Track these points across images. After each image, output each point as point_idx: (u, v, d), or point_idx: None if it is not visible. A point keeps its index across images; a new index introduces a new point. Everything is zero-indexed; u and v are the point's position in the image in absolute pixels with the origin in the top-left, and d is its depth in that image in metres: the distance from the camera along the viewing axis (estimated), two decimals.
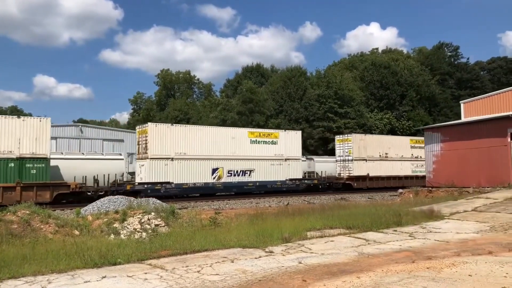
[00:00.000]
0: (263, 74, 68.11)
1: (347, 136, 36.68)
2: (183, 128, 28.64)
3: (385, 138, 39.38)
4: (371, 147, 36.40)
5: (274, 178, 31.11)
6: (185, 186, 27.15)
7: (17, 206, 11.86)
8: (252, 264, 7.91)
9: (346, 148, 35.66)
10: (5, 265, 7.71)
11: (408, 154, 38.60)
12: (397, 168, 37.72)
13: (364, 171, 35.88)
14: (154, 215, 12.86)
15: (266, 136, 31.35)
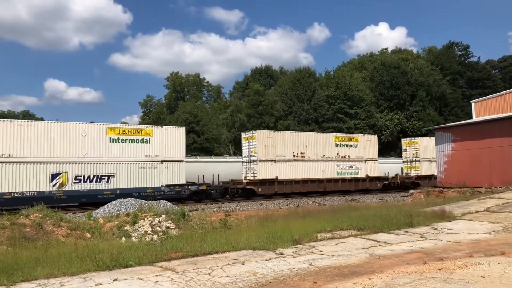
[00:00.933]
0: (272, 76, 68.13)
1: (252, 133, 31.71)
2: (9, 124, 22.84)
3: (302, 136, 34.03)
4: (282, 145, 31.61)
5: (145, 185, 25.68)
6: (6, 196, 21.83)
7: (30, 210, 11.98)
8: (263, 266, 7.91)
9: (251, 147, 31.09)
10: (18, 268, 7.79)
11: (332, 154, 33.95)
12: (317, 170, 32.94)
13: (272, 174, 31.11)
14: (165, 217, 12.91)
15: (135, 134, 25.87)
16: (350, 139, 34.94)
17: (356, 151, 34.84)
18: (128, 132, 25.30)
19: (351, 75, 60.72)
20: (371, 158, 35.90)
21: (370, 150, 35.92)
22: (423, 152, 38.62)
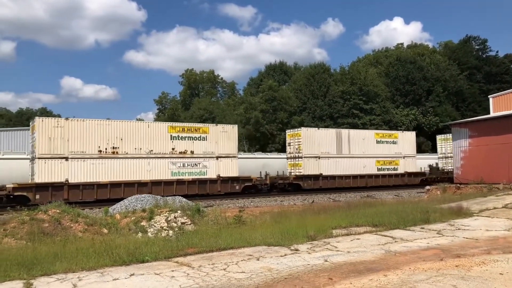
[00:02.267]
0: (286, 72, 67.93)
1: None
2: None
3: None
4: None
5: None
6: None
7: (48, 206, 12.18)
8: (278, 262, 7.92)
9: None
10: (37, 263, 7.94)
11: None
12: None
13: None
14: (180, 213, 13.01)
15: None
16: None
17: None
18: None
19: (366, 70, 60.22)
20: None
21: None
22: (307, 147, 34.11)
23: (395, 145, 35.61)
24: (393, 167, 35.48)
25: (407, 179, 36.15)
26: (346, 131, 34.59)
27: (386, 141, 35.19)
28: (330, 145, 32.11)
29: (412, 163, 36.91)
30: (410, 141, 37.12)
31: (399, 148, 36.01)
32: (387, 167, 35.20)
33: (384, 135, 35.71)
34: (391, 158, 35.40)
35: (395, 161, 35.51)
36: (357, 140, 33.61)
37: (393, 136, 35.90)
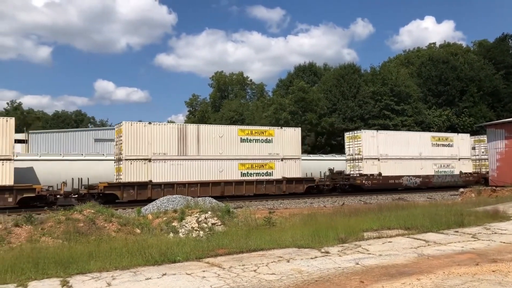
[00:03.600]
0: (315, 73, 67.55)
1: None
2: None
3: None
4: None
5: None
6: None
7: (83, 206, 12.51)
8: (308, 264, 7.89)
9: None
10: (73, 261, 8.16)
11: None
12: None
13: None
14: (211, 214, 13.12)
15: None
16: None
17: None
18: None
19: (398, 70, 59.22)
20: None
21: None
22: None
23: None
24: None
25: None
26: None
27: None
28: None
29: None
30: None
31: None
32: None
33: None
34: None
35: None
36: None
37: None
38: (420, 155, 34.20)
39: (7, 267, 7.66)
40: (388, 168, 32.88)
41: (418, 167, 34.17)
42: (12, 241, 9.90)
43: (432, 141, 35.47)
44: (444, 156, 35.78)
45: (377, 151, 32.70)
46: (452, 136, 37.25)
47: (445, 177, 35.39)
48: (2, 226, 10.33)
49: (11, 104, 68.40)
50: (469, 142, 37.96)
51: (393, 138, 33.98)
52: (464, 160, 36.94)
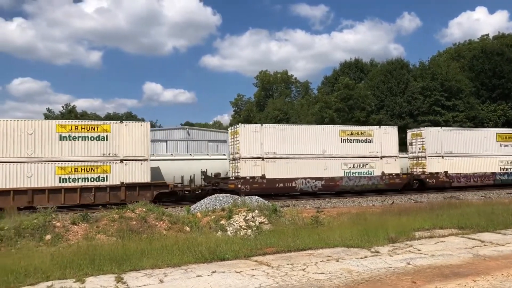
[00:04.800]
0: (362, 69, 66.31)
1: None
2: None
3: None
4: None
5: None
6: None
7: (135, 205, 12.92)
8: (358, 264, 7.80)
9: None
10: (127, 258, 8.46)
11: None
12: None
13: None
14: (258, 212, 13.20)
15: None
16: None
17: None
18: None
19: (448, 65, 57.10)
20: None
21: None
22: None
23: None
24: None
25: None
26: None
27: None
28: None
29: None
30: None
31: None
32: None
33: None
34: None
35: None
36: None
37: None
38: (323, 153, 28.17)
39: (66, 263, 8.06)
40: (275, 169, 27.03)
41: (320, 167, 28.19)
42: (70, 238, 10.38)
43: (341, 136, 29.07)
44: (359, 154, 29.13)
45: (260, 149, 27.04)
46: (372, 130, 30.34)
47: (359, 179, 28.84)
48: (61, 224, 10.84)
49: (66, 107, 71.48)
50: (396, 136, 30.66)
51: (284, 133, 28.00)
52: (388, 158, 30.03)
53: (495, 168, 33.15)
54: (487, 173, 32.66)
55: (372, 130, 29.83)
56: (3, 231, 10.01)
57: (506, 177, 33.38)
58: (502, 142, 33.62)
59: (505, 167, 33.51)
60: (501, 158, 33.50)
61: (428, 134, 31.87)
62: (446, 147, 31.95)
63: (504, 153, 33.62)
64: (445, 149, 31.92)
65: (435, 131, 32.75)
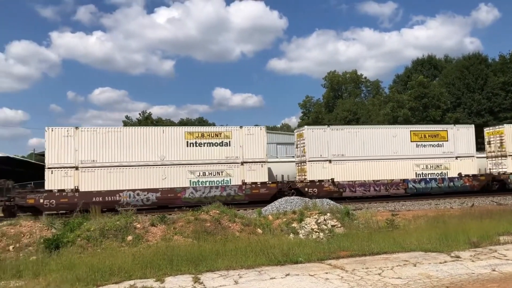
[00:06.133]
0: (435, 66, 63.50)
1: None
2: None
3: None
4: None
5: None
6: None
7: (209, 206, 13.28)
8: (437, 269, 7.48)
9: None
10: (203, 259, 8.73)
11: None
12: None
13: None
14: (330, 215, 13.05)
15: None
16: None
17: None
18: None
19: None
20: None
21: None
22: None
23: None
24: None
25: None
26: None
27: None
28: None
29: None
30: None
31: None
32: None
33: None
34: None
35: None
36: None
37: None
38: (162, 160, 23.33)
39: (146, 263, 8.47)
40: (93, 180, 22.33)
41: (157, 176, 23.11)
42: (149, 239, 10.88)
43: (188, 139, 23.99)
44: (211, 159, 24.11)
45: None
46: (229, 131, 24.83)
47: (210, 190, 23.61)
48: (141, 225, 11.40)
49: (142, 114, 75.01)
50: (263, 137, 25.27)
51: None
52: (253, 164, 24.52)
53: (409, 173, 27.18)
54: (396, 180, 26.64)
55: (230, 131, 24.74)
56: (89, 232, 10.71)
57: (423, 185, 27.04)
58: (419, 142, 27.66)
59: (422, 172, 27.37)
60: (417, 161, 27.56)
61: (309, 135, 26.16)
62: (335, 150, 26.22)
63: (420, 155, 27.59)
64: (334, 152, 26.20)
65: (320, 130, 26.69)
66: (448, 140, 27.92)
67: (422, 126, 30.26)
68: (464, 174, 27.56)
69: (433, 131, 28.09)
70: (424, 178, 27.12)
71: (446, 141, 27.87)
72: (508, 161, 29.29)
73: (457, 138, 28.11)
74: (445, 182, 27.25)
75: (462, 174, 27.58)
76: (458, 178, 27.45)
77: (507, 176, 28.92)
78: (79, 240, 10.41)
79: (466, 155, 28.10)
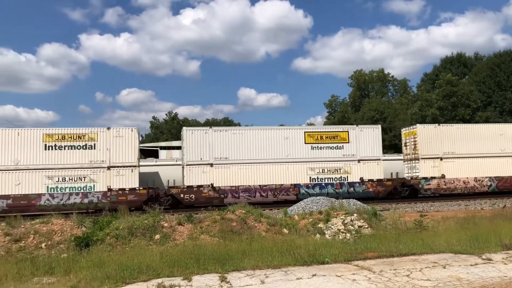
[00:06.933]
0: (465, 64, 62.08)
1: None
2: None
3: None
4: None
5: None
6: None
7: (235, 206, 13.35)
8: (468, 272, 7.32)
9: None
10: (229, 259, 8.77)
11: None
12: None
13: None
14: (357, 216, 12.93)
15: None
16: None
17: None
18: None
19: None
20: None
21: None
22: None
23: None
24: None
25: None
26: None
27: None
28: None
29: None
30: None
31: None
32: None
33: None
34: None
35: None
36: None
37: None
38: (16, 165, 21.54)
39: (174, 262, 8.57)
40: None
41: (10, 182, 21.39)
42: (176, 238, 11.01)
43: (47, 142, 21.96)
44: (72, 164, 22.02)
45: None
46: (95, 132, 22.60)
47: (69, 196, 21.75)
48: (168, 224, 11.55)
49: (169, 114, 76.02)
50: (135, 139, 22.91)
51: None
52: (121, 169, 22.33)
53: (302, 178, 25.03)
54: (286, 185, 24.69)
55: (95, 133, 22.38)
56: (118, 230, 10.91)
57: (317, 190, 24.73)
58: (314, 144, 25.33)
59: (318, 176, 25.20)
60: (311, 164, 25.28)
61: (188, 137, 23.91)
62: (218, 153, 24.06)
63: (316, 159, 25.28)
64: (216, 155, 24.01)
65: (201, 131, 24.40)
66: (349, 142, 25.46)
67: (320, 127, 27.51)
68: (367, 179, 25.27)
69: (331, 132, 25.67)
70: (320, 183, 24.85)
71: (346, 143, 25.43)
72: (420, 164, 26.56)
73: (360, 140, 25.50)
74: (344, 187, 24.95)
75: (364, 179, 25.24)
76: (359, 183, 25.11)
77: (418, 181, 26.41)
78: (108, 238, 10.62)
79: (370, 158, 25.49)
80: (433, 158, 26.52)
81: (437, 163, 26.52)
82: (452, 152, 26.73)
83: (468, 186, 26.48)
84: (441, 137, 26.74)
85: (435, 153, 26.56)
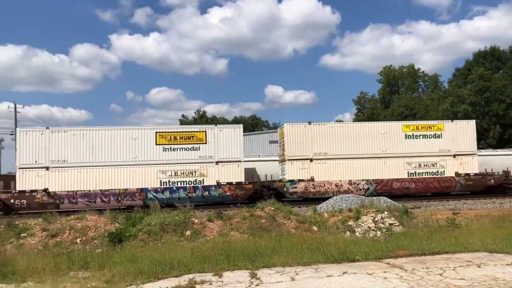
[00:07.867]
0: (499, 58, 60.22)
1: None
2: None
3: None
4: None
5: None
6: None
7: (264, 203, 13.40)
8: (504, 271, 7.15)
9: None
10: (259, 255, 8.82)
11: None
12: None
13: None
14: (387, 214, 12.78)
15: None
16: None
17: None
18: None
19: None
20: None
21: None
22: None
23: None
24: None
25: None
26: None
27: None
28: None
29: None
30: None
31: None
32: None
33: None
34: None
35: None
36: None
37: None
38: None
39: (204, 258, 8.68)
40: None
41: None
42: (206, 234, 11.14)
43: None
44: None
45: None
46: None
47: None
48: (199, 221, 11.70)
49: (198, 112, 76.66)
50: None
51: None
52: None
53: (151, 181, 23.32)
54: (132, 189, 22.89)
55: None
56: (150, 226, 11.12)
57: (168, 194, 23.13)
58: (166, 145, 23.76)
59: (170, 180, 23.49)
60: (162, 167, 23.52)
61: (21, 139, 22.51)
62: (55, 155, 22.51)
63: (167, 161, 23.59)
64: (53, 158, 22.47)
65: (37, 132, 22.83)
66: (206, 142, 23.88)
67: (174, 127, 25.40)
68: (225, 182, 23.59)
69: (186, 133, 24.05)
70: (171, 187, 23.22)
71: (203, 143, 23.85)
72: (287, 166, 24.68)
73: (219, 141, 23.96)
74: (197, 191, 23.36)
75: (221, 182, 23.58)
76: (216, 186, 23.50)
77: (283, 184, 24.55)
78: (140, 234, 10.84)
79: (230, 160, 23.84)
80: (302, 159, 24.66)
81: (306, 165, 24.65)
82: (324, 153, 24.87)
83: (341, 190, 24.32)
84: (312, 137, 24.91)
85: (304, 154, 24.72)
